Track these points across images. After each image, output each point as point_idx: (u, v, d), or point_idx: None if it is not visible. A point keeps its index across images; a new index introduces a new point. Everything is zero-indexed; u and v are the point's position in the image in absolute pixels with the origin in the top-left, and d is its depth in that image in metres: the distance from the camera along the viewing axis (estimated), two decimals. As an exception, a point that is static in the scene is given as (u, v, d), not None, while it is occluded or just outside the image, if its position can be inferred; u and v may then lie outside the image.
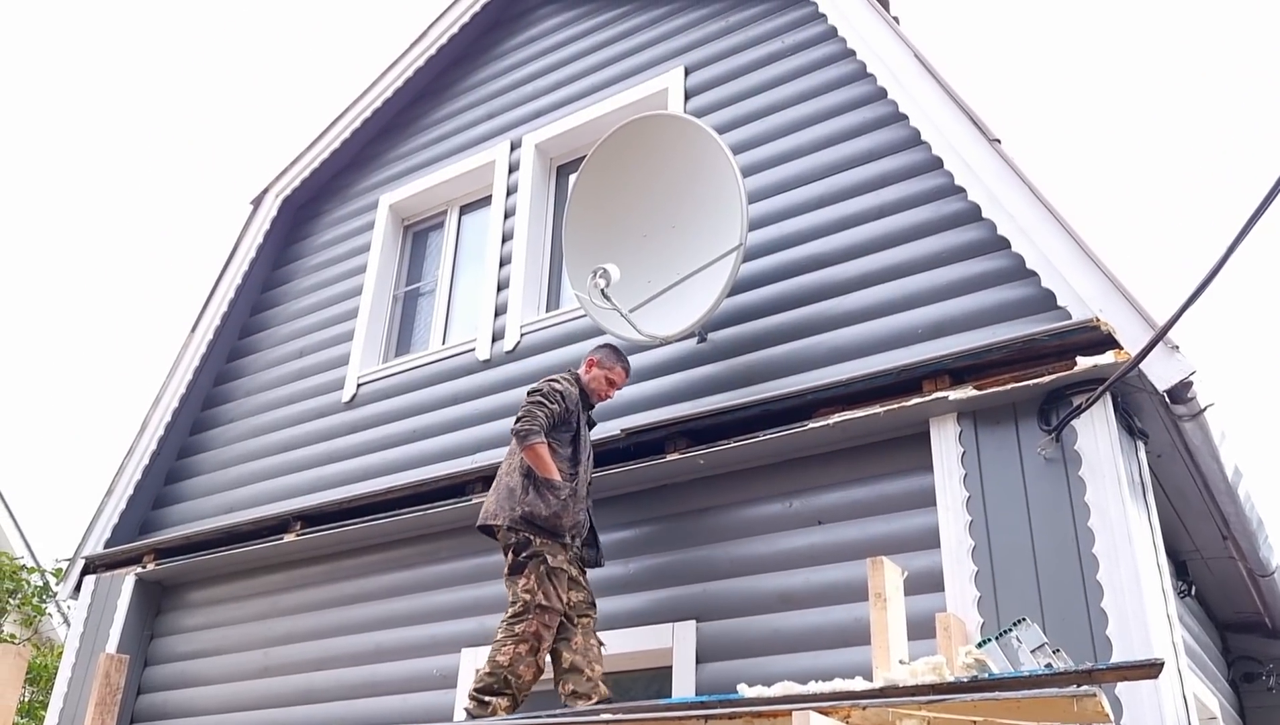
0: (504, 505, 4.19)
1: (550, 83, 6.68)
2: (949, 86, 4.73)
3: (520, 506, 4.12)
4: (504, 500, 4.21)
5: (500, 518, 4.17)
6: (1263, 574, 5.51)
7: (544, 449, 4.16)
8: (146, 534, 6.98)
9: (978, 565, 3.87)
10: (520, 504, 4.13)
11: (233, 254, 7.49)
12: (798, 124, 5.37)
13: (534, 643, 3.99)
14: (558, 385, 4.36)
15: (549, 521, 4.11)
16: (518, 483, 4.20)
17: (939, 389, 4.15)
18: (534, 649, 3.99)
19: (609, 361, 4.60)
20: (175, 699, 6.29)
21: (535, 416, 4.19)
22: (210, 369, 7.38)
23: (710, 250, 4.90)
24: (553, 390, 4.32)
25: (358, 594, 5.81)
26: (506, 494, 4.21)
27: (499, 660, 3.97)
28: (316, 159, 7.52)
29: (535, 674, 4.03)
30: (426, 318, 6.80)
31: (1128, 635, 3.49)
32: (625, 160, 5.32)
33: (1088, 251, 4.08)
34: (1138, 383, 3.86)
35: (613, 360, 4.61)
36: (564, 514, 4.15)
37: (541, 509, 4.11)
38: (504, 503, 4.20)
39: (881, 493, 4.33)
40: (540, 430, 4.17)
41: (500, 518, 4.17)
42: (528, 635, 3.99)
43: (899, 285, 4.65)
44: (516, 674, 3.96)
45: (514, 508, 4.14)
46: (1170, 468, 4.43)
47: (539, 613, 4.02)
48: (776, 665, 4.12)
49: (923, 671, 2.83)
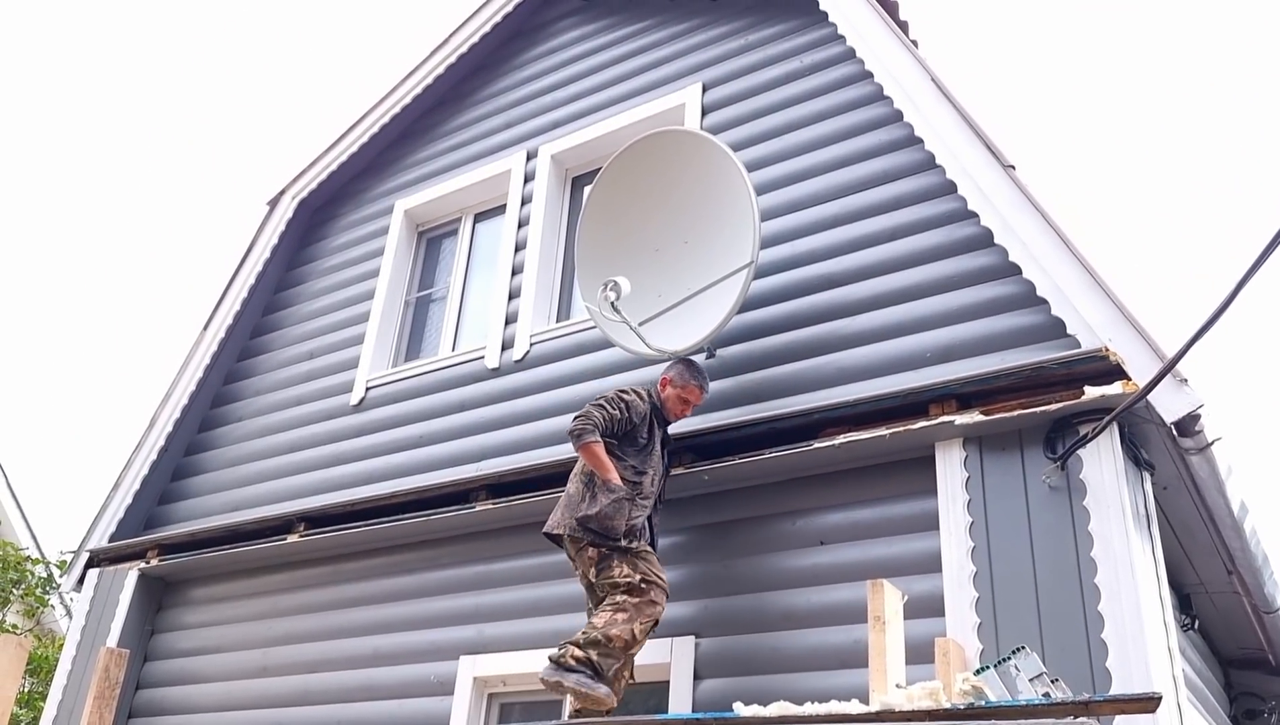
0: (564, 515, 4.17)
1: (568, 95, 6.72)
2: (965, 111, 4.74)
3: (578, 511, 4.12)
4: (564, 508, 4.19)
5: (562, 527, 4.15)
6: (1268, 610, 5.47)
7: (599, 448, 4.10)
8: (151, 529, 7.01)
9: (979, 591, 3.86)
10: (578, 509, 4.13)
11: (247, 254, 7.53)
12: (813, 144, 5.38)
13: (633, 613, 3.96)
14: (625, 394, 4.32)
15: (603, 523, 4.06)
16: (577, 489, 4.20)
17: (945, 413, 4.15)
18: (632, 618, 3.95)
19: (682, 379, 4.51)
20: (174, 695, 6.31)
21: (591, 416, 4.14)
22: (221, 367, 7.41)
23: (722, 266, 4.91)
24: (618, 397, 4.28)
25: (358, 597, 5.82)
26: (566, 501, 4.21)
27: (594, 622, 3.93)
28: (334, 162, 7.57)
29: (635, 643, 3.98)
30: (437, 324, 6.82)
31: (1127, 667, 3.47)
32: (640, 174, 5.34)
33: (1098, 280, 4.08)
34: (1145, 414, 3.85)
35: (686, 377, 4.51)
36: (616, 516, 4.07)
37: (595, 510, 4.07)
38: (564, 511, 4.18)
39: (885, 515, 4.32)
40: (594, 429, 4.11)
41: (562, 527, 4.15)
42: (628, 605, 3.96)
43: (909, 308, 4.65)
44: (607, 636, 3.90)
45: (572, 515, 4.13)
46: (1176, 500, 4.41)
47: (644, 588, 4.00)
48: (774, 685, 4.11)
49: (919, 696, 2.83)
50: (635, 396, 4.35)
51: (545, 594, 5.10)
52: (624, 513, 4.10)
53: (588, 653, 3.87)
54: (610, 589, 4.05)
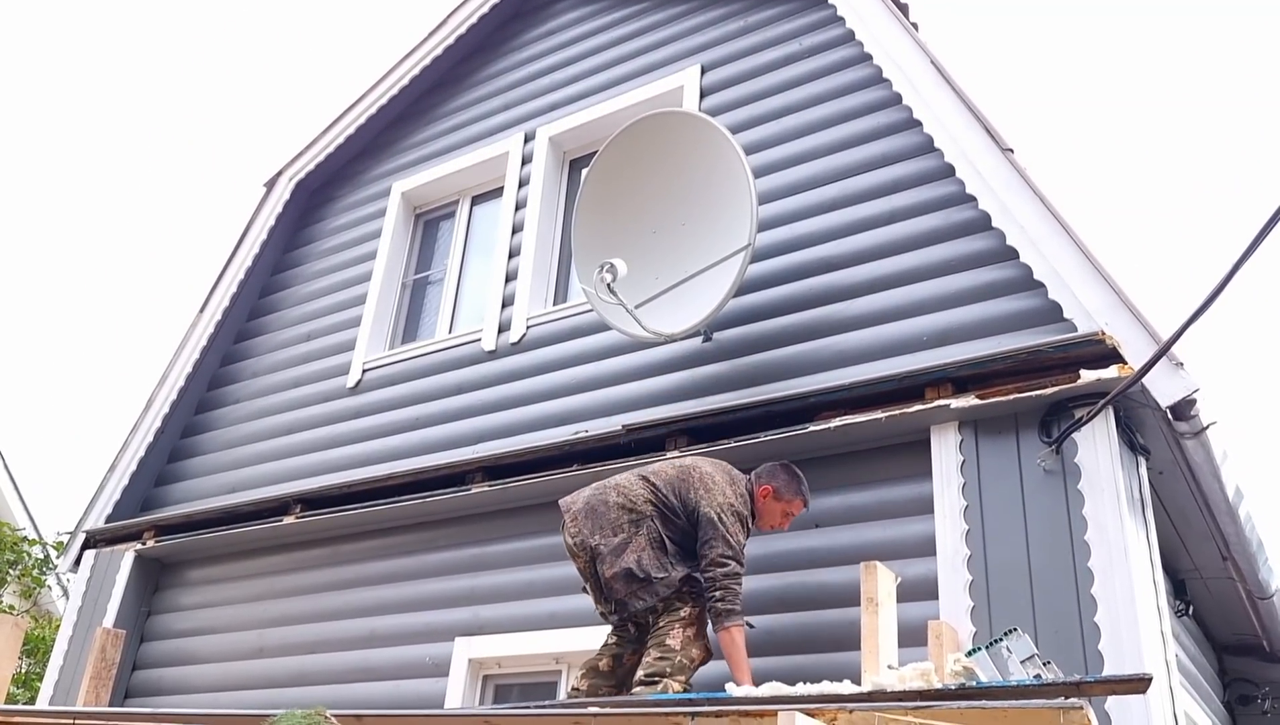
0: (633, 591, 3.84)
1: (566, 76, 6.69)
2: (964, 94, 4.72)
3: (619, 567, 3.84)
4: (626, 582, 3.84)
5: (605, 569, 3.85)
6: (1262, 596, 5.48)
7: (741, 636, 3.75)
8: (148, 511, 7.02)
9: (972, 574, 3.86)
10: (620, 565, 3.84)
11: (244, 235, 7.51)
12: (811, 126, 5.36)
13: (699, 626, 3.85)
14: (742, 535, 3.90)
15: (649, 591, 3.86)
16: (627, 538, 3.88)
17: (941, 397, 4.14)
18: (701, 632, 3.86)
19: (789, 493, 4.06)
20: (170, 676, 6.32)
21: (738, 595, 3.78)
22: (217, 349, 7.40)
23: (719, 249, 4.89)
24: (742, 550, 3.89)
25: (354, 579, 5.83)
26: (618, 549, 3.87)
27: (670, 644, 3.78)
28: (331, 143, 7.54)
29: (706, 656, 3.87)
30: (434, 306, 6.81)
31: (1120, 650, 3.48)
32: (638, 156, 5.31)
33: (1095, 264, 4.07)
34: (1141, 398, 3.85)
35: (793, 492, 4.06)
36: (632, 600, 3.87)
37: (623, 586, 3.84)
38: (628, 585, 3.84)
39: (880, 499, 4.32)
40: (741, 610, 3.79)
41: (605, 569, 3.85)
42: (693, 618, 3.85)
43: (906, 291, 4.64)
44: (690, 656, 3.81)
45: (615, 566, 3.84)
46: (1171, 485, 4.41)
47: (694, 598, 3.87)
48: (768, 666, 4.11)
49: (910, 677, 2.83)
50: (744, 528, 3.94)
51: (541, 576, 5.10)
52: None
53: (652, 668, 3.76)
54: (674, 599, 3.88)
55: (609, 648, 4.08)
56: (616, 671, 4.03)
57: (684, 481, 3.97)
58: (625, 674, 4.03)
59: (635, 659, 4.03)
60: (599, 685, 4.00)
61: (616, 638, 4.09)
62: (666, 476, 4.01)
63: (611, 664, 4.04)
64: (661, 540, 3.88)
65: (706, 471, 3.99)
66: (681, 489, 3.95)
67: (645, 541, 3.86)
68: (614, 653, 4.06)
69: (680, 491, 3.95)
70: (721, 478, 3.99)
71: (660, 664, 3.75)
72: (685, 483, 3.96)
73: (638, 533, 3.87)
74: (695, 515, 3.88)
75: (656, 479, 4.00)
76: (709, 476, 3.97)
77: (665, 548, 3.87)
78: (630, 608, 3.84)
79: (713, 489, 3.92)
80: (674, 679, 3.75)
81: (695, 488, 3.93)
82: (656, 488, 3.97)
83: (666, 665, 3.75)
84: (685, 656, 3.79)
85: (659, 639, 3.82)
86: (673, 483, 3.98)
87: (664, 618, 3.86)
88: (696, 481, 3.95)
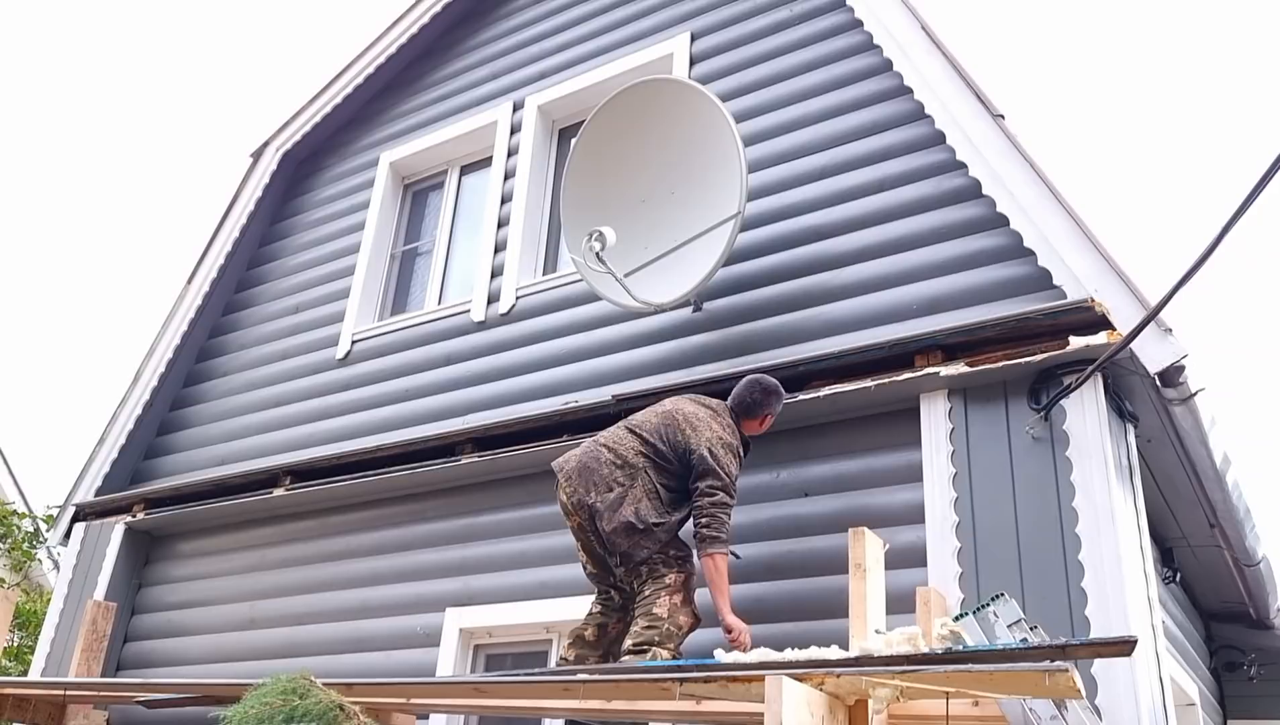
0: (635, 542, 3.86)
1: (555, 44, 6.62)
2: (955, 60, 4.69)
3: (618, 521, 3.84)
4: (628, 535, 3.86)
5: (604, 525, 3.86)
6: (1249, 563, 5.52)
7: (724, 564, 3.82)
8: (137, 483, 7.00)
9: (961, 541, 3.87)
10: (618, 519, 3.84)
11: (231, 206, 7.45)
12: (802, 94, 5.32)
13: (685, 591, 3.87)
14: (734, 466, 3.96)
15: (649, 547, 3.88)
16: (622, 492, 3.91)
17: (931, 364, 4.13)
18: (687, 598, 3.87)
19: (776, 405, 4.17)
20: (161, 648, 6.33)
21: (725, 524, 3.83)
22: (205, 321, 7.36)
23: (708, 218, 4.86)
24: (735, 481, 3.94)
25: (345, 550, 5.83)
26: (614, 504, 3.88)
27: (657, 612, 3.79)
28: (318, 113, 7.47)
29: (694, 622, 3.89)
30: (423, 277, 6.77)
31: (1106, 614, 3.50)
32: (627, 124, 5.27)
33: (1085, 231, 4.06)
34: (1130, 365, 3.85)
35: (777, 402, 4.17)
36: (636, 551, 3.88)
37: (625, 539, 3.86)
38: (630, 537, 3.85)
39: (869, 467, 4.32)
40: (727, 539, 3.85)
41: (604, 525, 3.86)
42: (679, 585, 3.86)
43: (896, 260, 4.62)
44: (677, 624, 3.82)
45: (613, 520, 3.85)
46: (1160, 453, 4.42)
47: (679, 562, 3.91)
48: (757, 633, 4.12)
49: (898, 642, 2.84)
50: (738, 459, 4.01)
51: (531, 546, 5.10)
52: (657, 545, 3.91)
53: (640, 638, 3.77)
54: (660, 564, 3.90)
55: (594, 616, 4.10)
56: (602, 640, 4.05)
57: (670, 426, 4.01)
58: (611, 642, 4.05)
59: (620, 627, 4.05)
60: (586, 654, 4.02)
61: (601, 606, 4.11)
62: (652, 425, 4.05)
63: (597, 633, 4.06)
64: (656, 489, 3.92)
65: (689, 411, 4.05)
66: (669, 434, 3.99)
67: (641, 492, 3.90)
68: (599, 622, 4.08)
69: (668, 437, 3.98)
70: (706, 414, 4.05)
71: (648, 633, 3.76)
72: (671, 426, 4.00)
73: (633, 485, 3.91)
74: (687, 456, 3.93)
75: (643, 430, 4.04)
76: (693, 416, 4.02)
77: (661, 496, 3.92)
78: (635, 558, 3.87)
79: (699, 427, 3.97)
80: (662, 647, 3.76)
81: (682, 429, 3.97)
82: (644, 438, 4.01)
83: (654, 634, 3.76)
84: (673, 624, 3.80)
85: (645, 608, 3.83)
86: (659, 430, 4.02)
87: (649, 585, 3.87)
88: (682, 422, 4.00)
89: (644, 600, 3.85)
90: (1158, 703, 3.56)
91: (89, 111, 38.28)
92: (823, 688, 2.77)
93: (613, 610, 4.08)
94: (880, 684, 2.74)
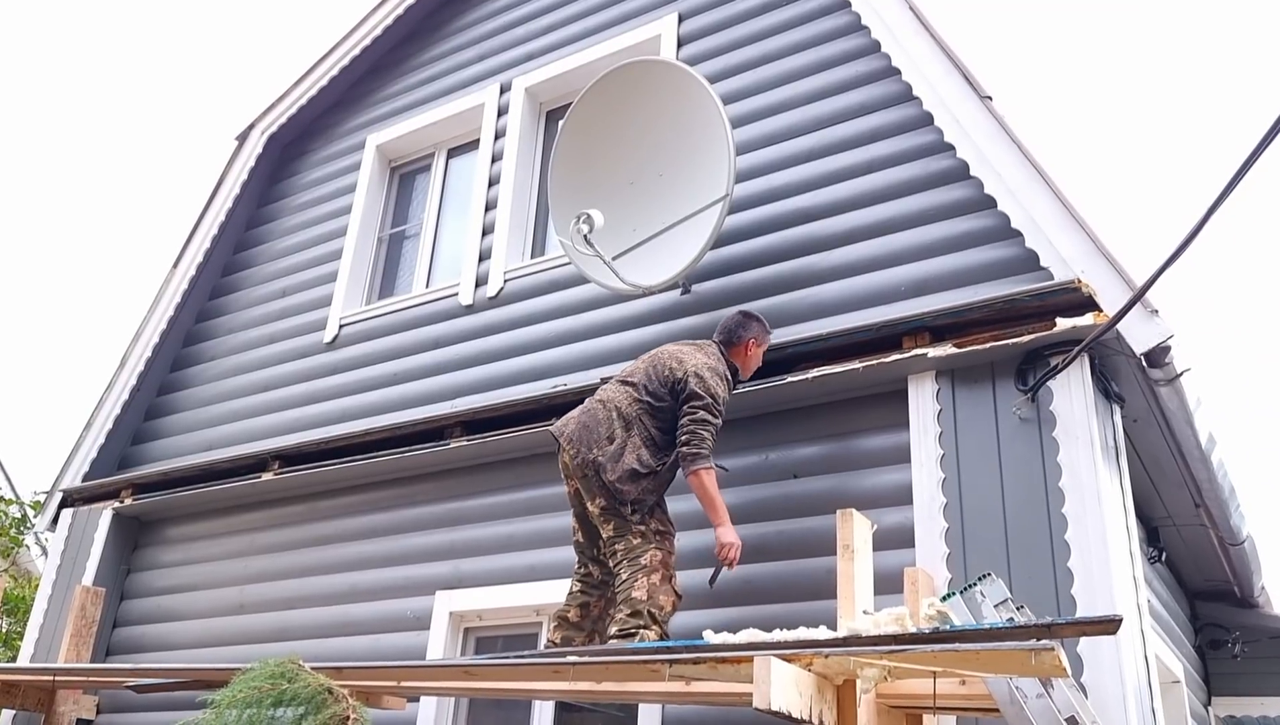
0: (643, 488, 3.95)
1: (542, 26, 6.58)
2: (943, 41, 4.68)
3: (623, 464, 3.92)
4: (634, 481, 3.93)
5: (610, 476, 3.91)
6: (1233, 542, 5.56)
7: (711, 478, 3.89)
8: (125, 469, 6.97)
9: (948, 522, 3.89)
10: (622, 467, 3.92)
11: (216, 190, 7.40)
12: (790, 76, 5.30)
13: (664, 570, 3.88)
14: (720, 388, 4.02)
15: (641, 492, 3.96)
16: (624, 439, 3.98)
17: (918, 346, 4.14)
18: (666, 577, 3.88)
19: (760, 332, 4.27)
20: (151, 633, 6.32)
21: (705, 440, 3.88)
22: (192, 306, 7.32)
23: (697, 200, 4.85)
24: (720, 402, 4.00)
25: (334, 534, 5.82)
26: (616, 455, 3.94)
27: (636, 597, 3.79)
28: (304, 96, 7.41)
29: (675, 600, 3.90)
30: (411, 261, 6.75)
31: (1092, 594, 3.52)
32: (614, 106, 5.25)
33: (1073, 212, 4.06)
34: (1116, 346, 3.86)
35: (760, 328, 4.28)
36: (645, 495, 3.97)
37: (632, 485, 3.93)
38: (636, 483, 3.93)
39: (857, 448, 4.34)
40: (709, 455, 3.91)
41: (610, 476, 3.91)
42: (656, 564, 3.87)
43: (884, 242, 4.62)
44: (658, 605, 3.82)
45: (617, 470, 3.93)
46: (1146, 433, 4.45)
47: (659, 538, 3.93)
48: (746, 615, 4.15)
49: (885, 622, 2.86)
50: (725, 383, 4.09)
51: (520, 529, 5.11)
52: (648, 493, 3.98)
53: (624, 625, 3.77)
54: (612, 537, 3.93)
55: (575, 596, 4.13)
56: (586, 618, 4.08)
57: (657, 366, 4.12)
58: (594, 621, 4.08)
59: (602, 604, 4.09)
60: (571, 635, 4.04)
61: (581, 584, 4.14)
62: (641, 371, 4.16)
63: (580, 613, 4.09)
64: (652, 437, 4.01)
65: (673, 350, 4.19)
66: (658, 373, 4.09)
67: (640, 441, 3.98)
68: (580, 601, 4.11)
69: (658, 375, 4.08)
70: (690, 348, 4.22)
71: (633, 620, 3.78)
72: (658, 366, 4.11)
73: (630, 435, 3.99)
74: (676, 387, 4.02)
75: (633, 377, 4.15)
76: (678, 352, 4.16)
77: (657, 441, 4.01)
78: (646, 503, 3.97)
79: (685, 360, 4.09)
80: (649, 630, 3.77)
81: (669, 364, 4.08)
82: (635, 385, 4.11)
83: (639, 621, 3.78)
84: (654, 605, 3.82)
85: (625, 594, 3.84)
86: (648, 372, 4.12)
87: (625, 567, 3.89)
88: (669, 358, 4.12)
89: (623, 586, 3.87)
90: (1143, 681, 3.60)
91: (72, 95, 37.94)
92: (811, 668, 2.79)
93: (593, 587, 4.12)
94: (868, 664, 2.76)
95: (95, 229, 38.22)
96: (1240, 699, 6.61)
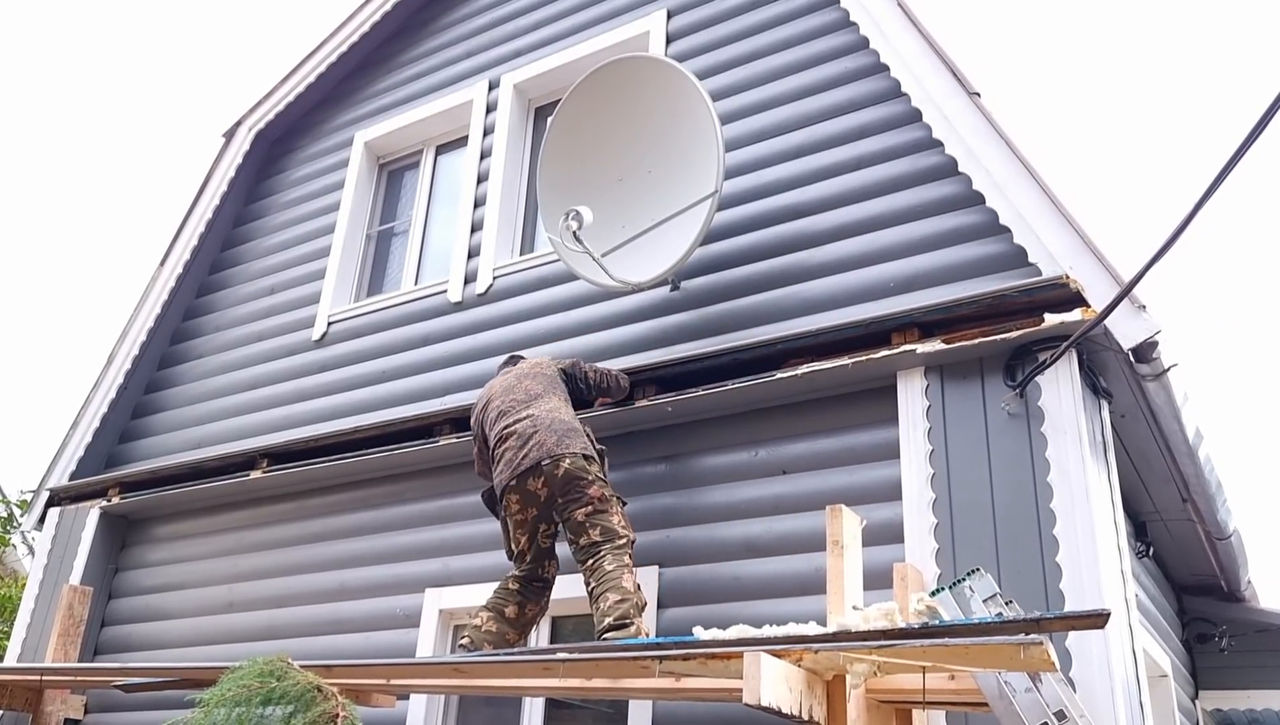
0: (572, 438, 4.14)
1: (531, 22, 6.57)
2: (931, 38, 4.68)
3: (577, 444, 4.12)
4: (570, 434, 4.15)
5: (575, 446, 4.09)
6: (1220, 537, 5.59)
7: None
8: (112, 467, 6.94)
9: (937, 518, 3.90)
10: (582, 437, 4.18)
11: (204, 187, 7.37)
12: (779, 72, 5.30)
13: (630, 562, 4.01)
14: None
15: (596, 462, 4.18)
16: (571, 417, 4.28)
17: (907, 342, 4.15)
18: (631, 566, 4.00)
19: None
20: (139, 632, 6.29)
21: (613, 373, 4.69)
22: (179, 303, 7.29)
23: (686, 196, 4.85)
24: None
25: (323, 532, 5.80)
26: (569, 429, 4.17)
27: (626, 587, 3.86)
28: (292, 92, 7.38)
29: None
30: (399, 258, 6.73)
31: (1080, 588, 3.53)
32: (603, 102, 5.24)
33: (1061, 209, 4.07)
34: (1104, 341, 3.87)
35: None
36: (595, 446, 4.25)
37: (580, 441, 4.16)
38: (571, 436, 4.15)
39: (846, 444, 4.34)
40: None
41: (575, 446, 4.09)
42: (631, 563, 3.98)
43: (873, 238, 4.63)
44: (643, 598, 3.92)
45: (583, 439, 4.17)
46: (1133, 428, 4.46)
47: (630, 542, 4.06)
48: (736, 611, 4.15)
49: (875, 617, 2.86)
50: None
51: (510, 526, 5.10)
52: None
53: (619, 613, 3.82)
54: (588, 526, 4.00)
55: (512, 594, 4.17)
56: (521, 618, 4.13)
57: (536, 376, 4.45)
58: (525, 625, 4.15)
59: (536, 610, 4.17)
60: (506, 630, 4.08)
61: (519, 584, 4.18)
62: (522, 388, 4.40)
63: (518, 611, 4.14)
64: (569, 398, 4.43)
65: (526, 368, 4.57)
66: (543, 374, 4.47)
67: (560, 401, 4.35)
68: (518, 600, 4.16)
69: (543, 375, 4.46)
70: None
71: (623, 606, 3.80)
72: (538, 375, 4.46)
73: (554, 393, 4.36)
74: (567, 372, 4.56)
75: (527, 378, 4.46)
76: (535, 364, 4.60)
77: (573, 404, 4.44)
78: (580, 453, 4.10)
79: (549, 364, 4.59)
80: (641, 620, 3.81)
81: (547, 368, 4.51)
82: (544, 374, 4.47)
83: (629, 607, 3.80)
84: (640, 597, 3.89)
85: (613, 583, 3.87)
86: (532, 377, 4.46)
87: (610, 558, 3.94)
88: (533, 369, 4.50)
89: (608, 576, 3.89)
90: (1131, 675, 3.61)
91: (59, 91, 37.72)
92: (801, 664, 2.79)
93: (533, 592, 4.18)
94: (857, 659, 2.76)
95: (81, 226, 38.03)
96: (1227, 693, 6.65)
